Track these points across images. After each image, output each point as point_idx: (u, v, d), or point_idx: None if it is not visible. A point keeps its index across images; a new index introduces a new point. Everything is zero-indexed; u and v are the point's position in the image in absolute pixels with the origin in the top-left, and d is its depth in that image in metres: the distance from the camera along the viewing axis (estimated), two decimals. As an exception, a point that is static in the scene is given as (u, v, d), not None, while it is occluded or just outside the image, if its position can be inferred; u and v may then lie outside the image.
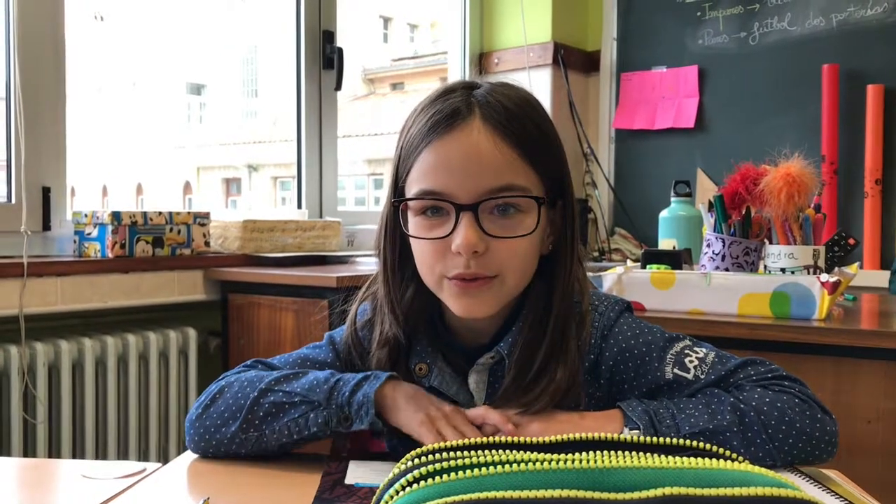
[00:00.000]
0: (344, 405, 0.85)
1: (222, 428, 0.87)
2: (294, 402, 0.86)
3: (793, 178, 1.45)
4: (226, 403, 0.88)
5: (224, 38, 14.86)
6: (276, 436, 0.86)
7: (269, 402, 0.87)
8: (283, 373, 0.91)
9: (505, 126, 0.85)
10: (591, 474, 0.47)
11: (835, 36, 2.67)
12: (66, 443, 1.86)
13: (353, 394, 0.85)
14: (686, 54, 2.99)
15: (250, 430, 0.87)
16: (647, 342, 0.92)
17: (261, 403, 0.87)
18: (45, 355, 1.82)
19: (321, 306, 1.94)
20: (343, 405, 0.85)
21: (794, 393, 0.86)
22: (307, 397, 0.86)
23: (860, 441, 1.31)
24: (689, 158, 2.97)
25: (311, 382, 0.88)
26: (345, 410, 0.85)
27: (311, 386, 0.87)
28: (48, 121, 1.99)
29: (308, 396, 0.86)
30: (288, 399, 0.87)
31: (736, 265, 1.57)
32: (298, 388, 0.87)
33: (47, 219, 2.00)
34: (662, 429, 0.82)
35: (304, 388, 0.87)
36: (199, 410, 0.90)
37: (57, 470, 0.96)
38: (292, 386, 0.88)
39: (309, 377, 0.89)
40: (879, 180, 2.55)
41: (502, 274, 0.87)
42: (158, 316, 2.13)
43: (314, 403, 0.86)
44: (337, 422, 0.85)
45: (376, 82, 14.34)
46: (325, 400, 0.85)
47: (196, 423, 0.89)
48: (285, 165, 12.03)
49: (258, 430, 0.86)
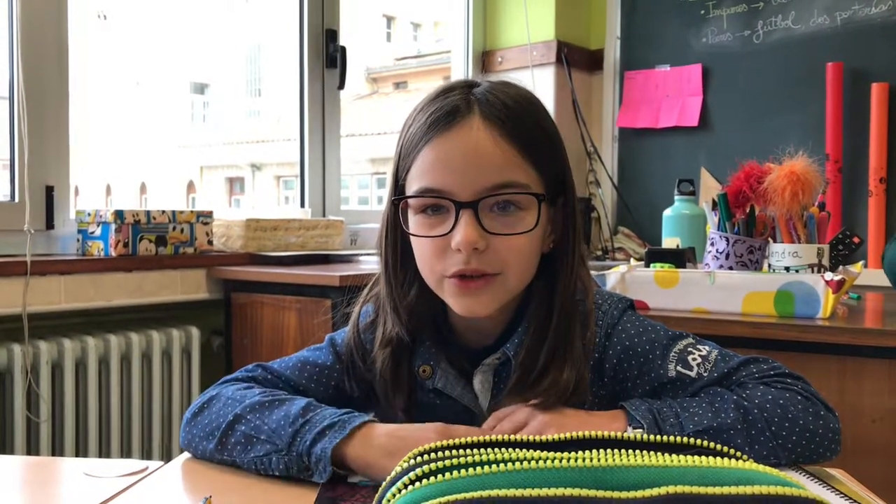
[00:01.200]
0: (304, 454, 0.80)
1: (203, 442, 0.87)
2: (261, 440, 0.83)
3: (797, 177, 1.45)
4: (209, 417, 0.87)
5: (227, 37, 14.88)
6: (247, 467, 0.83)
7: (241, 431, 0.84)
8: (261, 398, 0.87)
9: (504, 123, 0.85)
10: (595, 473, 0.47)
11: (839, 34, 2.66)
12: (69, 441, 1.86)
13: (315, 443, 0.80)
14: (690, 53, 2.99)
15: (224, 455, 0.85)
16: (651, 340, 0.92)
17: (234, 429, 0.84)
18: (49, 354, 1.82)
19: (324, 305, 1.94)
20: (303, 454, 0.80)
21: (797, 390, 0.86)
22: (271, 438, 0.82)
23: (865, 440, 1.31)
24: (692, 157, 2.96)
25: (281, 419, 0.83)
26: (304, 461, 0.80)
27: (279, 424, 0.83)
28: (51, 120, 1.99)
29: (272, 437, 0.82)
30: (256, 434, 0.83)
31: (740, 264, 1.57)
32: (268, 423, 0.83)
33: (51, 218, 2.00)
34: (666, 427, 0.82)
35: (273, 425, 0.83)
36: (190, 416, 0.89)
37: (60, 468, 0.95)
38: (263, 419, 0.84)
39: (282, 411, 0.84)
40: (884, 179, 2.54)
41: (504, 272, 0.86)
42: (161, 315, 2.13)
43: (276, 446, 0.81)
44: (298, 470, 0.80)
45: (379, 81, 14.36)
46: (286, 446, 0.81)
47: (186, 429, 0.89)
48: (289, 164, 12.03)
49: (230, 456, 0.84)
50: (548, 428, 0.83)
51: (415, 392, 0.95)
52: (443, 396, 0.94)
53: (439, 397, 0.94)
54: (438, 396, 0.94)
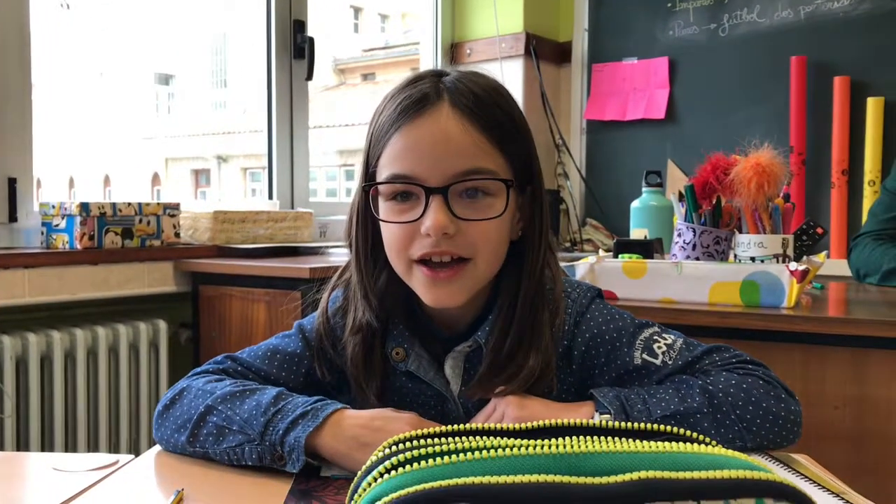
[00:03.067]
0: (276, 444, 0.80)
1: (175, 435, 0.86)
2: (233, 430, 0.83)
3: (762, 168, 1.46)
4: (180, 410, 0.87)
5: (193, 28, 14.70)
6: (220, 458, 0.83)
7: (213, 422, 0.84)
8: (232, 388, 0.87)
9: (473, 111, 0.86)
10: (568, 459, 0.47)
11: (803, 28, 2.70)
12: (34, 437, 1.83)
13: (288, 433, 0.80)
14: (657, 46, 3.01)
15: (196, 446, 0.85)
16: (618, 328, 0.93)
17: (206, 421, 0.84)
18: (13, 349, 1.79)
19: (293, 297, 1.93)
20: (276, 444, 0.80)
21: (759, 375, 0.88)
22: (243, 428, 0.82)
23: (828, 427, 1.33)
24: (659, 149, 2.99)
25: (253, 409, 0.83)
26: (277, 450, 0.80)
27: (251, 414, 0.83)
28: (14, 111, 1.96)
29: (244, 427, 0.82)
30: (228, 424, 0.83)
31: (706, 254, 1.59)
32: (239, 413, 0.83)
33: (13, 210, 1.96)
34: (634, 413, 0.83)
35: (244, 415, 0.83)
36: (161, 409, 0.89)
37: (27, 463, 0.94)
38: (235, 409, 0.84)
39: (253, 400, 0.84)
40: (846, 171, 2.59)
41: (473, 257, 0.87)
42: (128, 308, 2.10)
43: (249, 436, 0.81)
44: (271, 460, 0.80)
45: (347, 73, 14.29)
46: (258, 436, 0.81)
47: (158, 422, 0.89)
48: (255, 156, 11.95)
49: (203, 447, 0.84)
50: (518, 418, 0.84)
51: (387, 377, 0.95)
52: (415, 380, 0.94)
53: (411, 381, 0.95)
54: (411, 380, 0.95)
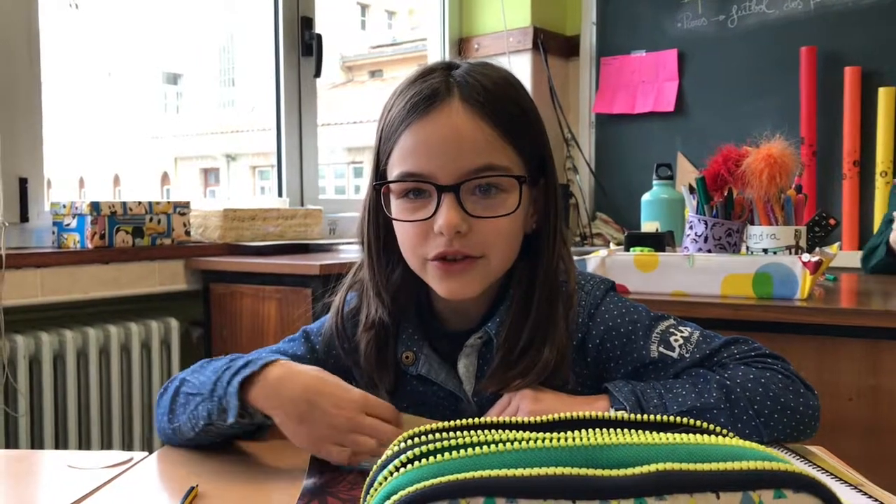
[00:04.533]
0: (222, 398, 0.80)
1: (162, 420, 0.88)
2: (194, 395, 0.84)
3: (774, 159, 1.46)
4: (166, 396, 0.89)
5: (200, 27, 14.72)
6: (186, 428, 0.84)
7: (183, 393, 0.86)
8: (203, 362, 0.89)
9: (484, 106, 0.85)
10: (585, 451, 0.47)
11: (812, 18, 2.68)
12: (48, 435, 1.84)
13: (229, 383, 0.80)
14: (665, 38, 3.00)
15: (174, 422, 0.85)
16: (633, 321, 0.92)
17: (179, 393, 0.86)
18: (26, 348, 1.80)
19: (304, 294, 1.93)
20: (222, 397, 0.80)
21: (777, 369, 0.87)
22: (200, 390, 0.83)
23: (843, 418, 1.33)
24: (669, 142, 2.98)
25: (210, 372, 0.84)
26: (223, 403, 0.79)
27: (207, 377, 0.83)
28: (24, 111, 1.96)
29: (201, 389, 0.83)
30: (191, 391, 0.84)
31: (718, 246, 1.58)
32: (200, 378, 0.84)
33: (25, 210, 1.97)
34: (650, 408, 0.82)
35: (203, 378, 0.84)
36: (157, 399, 0.91)
37: (42, 461, 0.95)
38: (197, 376, 0.85)
39: (212, 366, 0.86)
40: (857, 162, 2.57)
41: (487, 254, 0.87)
42: (140, 307, 2.11)
43: (203, 395, 0.82)
44: (217, 415, 0.80)
45: (354, 70, 14.28)
46: (209, 392, 0.81)
47: (156, 412, 0.91)
48: (264, 154, 11.96)
49: (178, 420, 0.85)
50: (533, 411, 0.83)
51: (399, 378, 0.95)
52: (427, 383, 0.94)
53: (423, 384, 0.94)
54: (422, 383, 0.94)
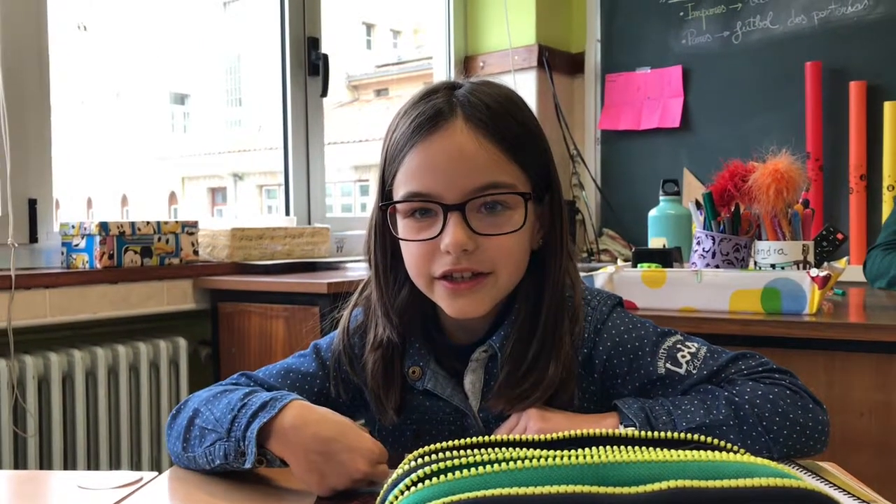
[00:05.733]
0: (240, 439, 0.79)
1: (175, 445, 0.87)
2: (209, 429, 0.83)
3: (781, 174, 1.46)
4: (179, 420, 0.88)
5: (207, 48, 14.84)
6: (202, 461, 0.83)
7: (197, 425, 0.84)
8: (217, 390, 0.88)
9: (487, 124, 0.86)
10: (595, 469, 0.47)
11: (817, 34, 2.69)
12: (57, 455, 1.84)
13: (248, 427, 0.79)
14: (670, 55, 3.01)
15: (188, 451, 0.85)
16: (640, 337, 0.92)
17: (193, 425, 0.85)
18: (35, 368, 1.80)
19: (312, 313, 1.94)
20: (240, 439, 0.79)
21: (785, 385, 0.87)
22: (216, 427, 0.82)
23: (854, 434, 1.32)
24: (675, 158, 2.98)
25: (224, 406, 0.83)
26: (241, 445, 0.79)
27: (222, 412, 0.82)
28: (33, 132, 1.98)
29: (216, 426, 0.82)
30: (206, 424, 0.83)
31: (726, 262, 1.58)
32: (214, 412, 0.83)
33: (34, 231, 1.98)
34: (658, 425, 0.82)
35: (217, 413, 0.83)
36: (169, 421, 0.90)
37: (52, 481, 0.95)
38: (212, 408, 0.84)
39: (226, 399, 0.84)
40: (864, 176, 2.57)
41: (494, 271, 0.87)
42: (148, 326, 2.11)
43: (220, 434, 0.81)
44: (234, 457, 0.79)
45: (360, 89, 14.35)
46: (226, 432, 0.80)
47: (167, 434, 0.90)
48: (271, 174, 12.01)
49: (192, 451, 0.84)
50: (542, 430, 0.83)
51: (406, 394, 0.95)
52: (433, 398, 0.94)
53: (429, 399, 0.94)
54: (428, 398, 0.94)
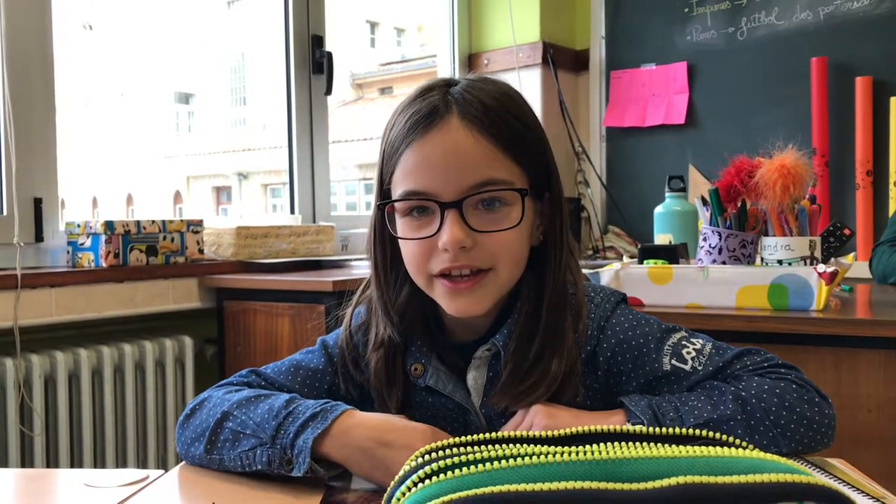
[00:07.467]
0: (287, 447, 0.80)
1: (194, 445, 0.87)
2: (246, 434, 0.83)
3: (787, 170, 1.45)
4: (199, 419, 0.88)
5: (212, 47, 14.86)
6: (233, 464, 0.83)
7: (229, 428, 0.84)
8: (248, 394, 0.88)
9: (483, 121, 0.85)
10: (604, 465, 0.47)
11: (822, 29, 2.68)
12: (63, 454, 1.84)
13: (297, 436, 0.80)
14: (675, 51, 3.00)
15: (213, 454, 0.85)
16: (644, 333, 0.92)
17: (223, 427, 0.85)
18: (41, 367, 1.81)
19: (318, 311, 1.94)
20: (286, 447, 0.80)
21: (791, 379, 0.86)
22: (256, 432, 0.82)
23: (862, 430, 1.32)
24: (680, 154, 2.97)
25: (266, 412, 0.84)
26: (287, 453, 0.80)
27: (263, 418, 0.83)
28: (38, 131, 1.98)
29: (257, 431, 0.82)
30: (242, 429, 0.84)
31: (733, 258, 1.57)
32: (253, 417, 0.84)
33: (40, 230, 1.98)
34: (666, 422, 0.82)
35: (257, 418, 0.83)
36: (182, 420, 0.90)
37: (59, 479, 0.95)
38: (249, 413, 0.85)
39: (266, 404, 0.85)
40: (870, 171, 2.56)
41: (494, 267, 0.87)
42: (154, 325, 2.12)
43: (261, 440, 0.82)
44: (279, 464, 0.80)
45: (364, 87, 14.36)
46: (270, 439, 0.81)
47: (179, 433, 0.89)
48: (275, 172, 12.03)
49: (219, 454, 0.84)
50: (548, 426, 0.83)
51: (409, 391, 0.95)
52: (435, 394, 0.94)
53: (431, 395, 0.94)
54: (431, 394, 0.94)
